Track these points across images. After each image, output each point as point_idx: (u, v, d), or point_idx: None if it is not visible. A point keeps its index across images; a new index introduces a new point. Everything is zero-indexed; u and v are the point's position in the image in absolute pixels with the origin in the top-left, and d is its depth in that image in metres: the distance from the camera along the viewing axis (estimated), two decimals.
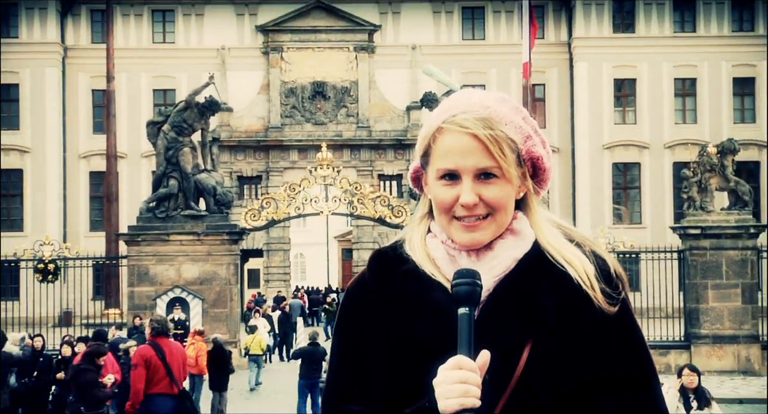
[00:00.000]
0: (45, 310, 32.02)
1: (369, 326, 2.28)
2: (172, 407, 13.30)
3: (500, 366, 2.11)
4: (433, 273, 2.24)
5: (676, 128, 49.96)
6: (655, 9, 50.28)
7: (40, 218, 48.87)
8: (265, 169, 50.57)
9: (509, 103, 2.28)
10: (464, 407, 1.99)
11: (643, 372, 2.27)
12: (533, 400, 2.15)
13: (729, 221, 29.69)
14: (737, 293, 29.43)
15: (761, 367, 29.17)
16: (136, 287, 30.56)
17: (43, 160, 49.86)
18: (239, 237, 31.58)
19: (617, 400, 2.22)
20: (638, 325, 2.32)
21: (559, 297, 2.21)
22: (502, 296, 2.21)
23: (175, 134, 30.66)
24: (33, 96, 49.95)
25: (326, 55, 50.85)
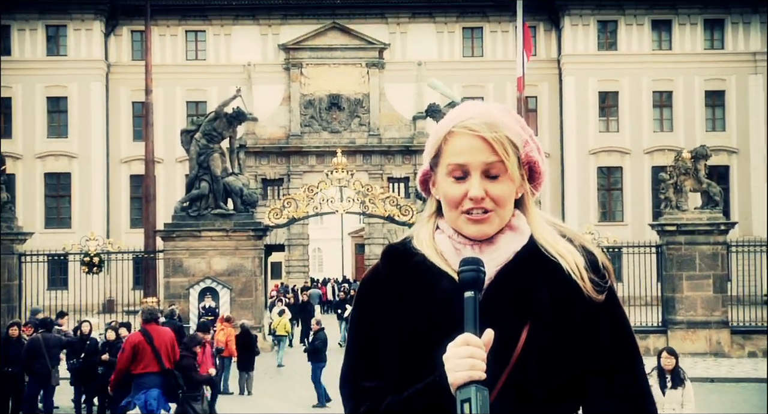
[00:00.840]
0: (90, 299, 32.05)
1: (381, 313, 2.30)
2: (158, 383, 13.63)
3: (501, 346, 2.13)
4: (441, 264, 2.26)
5: (654, 136, 49.84)
6: (636, 29, 50.19)
7: (86, 216, 48.87)
8: (286, 172, 50.53)
9: (509, 113, 2.31)
10: (472, 379, 2.00)
11: (630, 356, 2.30)
12: (531, 376, 2.17)
13: (702, 219, 29.66)
14: (709, 284, 29.42)
15: (730, 349, 29.20)
16: (171, 278, 30.60)
17: (88, 164, 49.86)
18: (263, 233, 31.57)
19: (607, 382, 2.25)
20: (624, 312, 2.34)
21: (553, 286, 2.23)
22: (502, 284, 2.23)
23: (206, 141, 30.70)
24: (80, 107, 49.95)
25: (341, 71, 50.78)
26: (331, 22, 50.71)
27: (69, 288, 33.87)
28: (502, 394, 2.14)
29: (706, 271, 29.40)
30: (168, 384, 13.76)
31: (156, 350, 13.72)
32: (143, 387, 13.59)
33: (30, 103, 49.74)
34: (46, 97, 50.05)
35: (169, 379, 13.76)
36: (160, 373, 13.73)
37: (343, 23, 50.78)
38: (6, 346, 18.77)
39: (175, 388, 13.79)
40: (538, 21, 49.24)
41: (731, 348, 29.34)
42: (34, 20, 49.92)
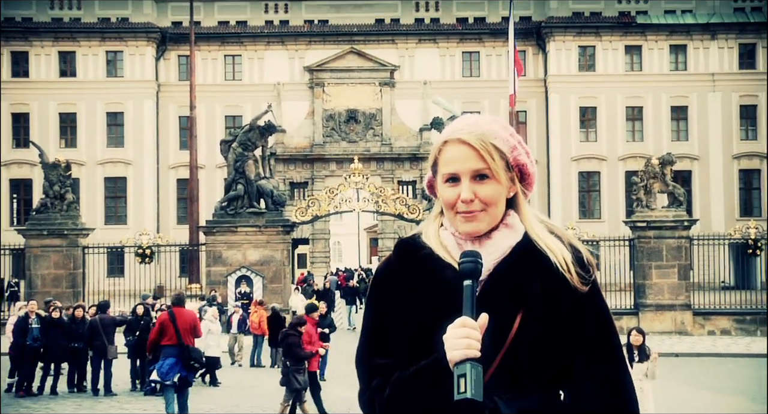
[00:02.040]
0: (143, 285, 32.12)
1: (392, 299, 2.28)
2: (176, 354, 14.21)
3: (496, 331, 2.12)
4: (445, 257, 2.25)
5: (627, 145, 49.75)
6: (611, 53, 50.11)
7: (139, 214, 48.99)
8: (310, 176, 50.58)
9: (498, 123, 2.30)
10: (467, 357, 2.00)
11: (610, 343, 2.29)
12: (522, 359, 2.16)
13: (668, 216, 29.63)
14: (674, 272, 29.40)
15: (692, 328, 29.21)
16: (212, 267, 30.66)
17: (141, 170, 49.97)
18: (291, 229, 31.60)
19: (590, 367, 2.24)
20: (605, 303, 2.32)
21: (544, 278, 2.22)
22: (499, 276, 2.22)
23: (241, 150, 30.73)
24: (134, 121, 50.06)
25: (357, 89, 50.77)
26: (349, 47, 50.71)
27: (125, 276, 33.96)
28: (496, 374, 2.12)
29: (671, 262, 29.39)
30: (183, 356, 14.24)
31: (177, 328, 14.42)
32: (164, 356, 14.26)
33: (92, 118, 49.85)
34: (105, 112, 50.18)
35: (185, 352, 14.27)
36: (178, 347, 14.28)
37: (359, 48, 50.77)
38: (72, 325, 18.87)
39: (188, 360, 14.27)
40: (527, 46, 49.20)
41: (693, 327, 29.35)
42: (95, 46, 50.06)
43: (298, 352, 13.84)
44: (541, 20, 50.34)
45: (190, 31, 44.55)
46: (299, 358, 13.81)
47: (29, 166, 47.07)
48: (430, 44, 51.26)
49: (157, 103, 50.51)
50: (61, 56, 50.29)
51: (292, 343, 13.97)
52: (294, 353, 13.83)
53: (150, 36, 50.13)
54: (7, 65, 49.97)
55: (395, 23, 51.99)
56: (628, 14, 50.72)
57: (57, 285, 29.18)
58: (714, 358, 24.64)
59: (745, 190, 50.45)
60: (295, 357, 13.81)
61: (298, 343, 13.97)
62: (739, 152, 50.21)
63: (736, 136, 50.20)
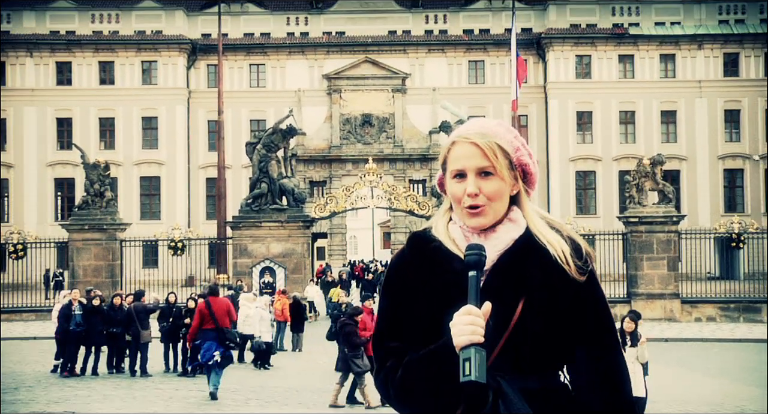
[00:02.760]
0: (175, 275, 32.21)
1: (405, 288, 2.28)
2: (213, 336, 15.14)
3: (500, 318, 2.13)
4: (453, 249, 2.25)
5: (620, 146, 49.64)
6: (605, 62, 50.00)
7: (171, 211, 49.13)
8: (328, 175, 50.65)
9: (503, 126, 2.30)
10: (472, 342, 2.01)
11: (605, 327, 2.28)
12: (524, 343, 2.16)
13: (658, 212, 29.56)
14: (664, 264, 29.34)
15: (680, 315, 29.15)
16: (238, 259, 30.74)
17: (174, 169, 50.11)
18: (310, 224, 31.65)
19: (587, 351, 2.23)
20: (602, 291, 2.31)
21: (544, 268, 2.21)
22: (502, 266, 2.22)
23: (265, 151, 30.78)
24: (167, 125, 50.20)
25: (372, 95, 50.79)
26: (363, 56, 50.71)
27: (159, 267, 34.05)
28: (499, 357, 2.13)
29: (661, 254, 29.33)
30: (220, 337, 15.19)
31: (213, 314, 15.39)
32: (204, 338, 15.21)
33: (129, 122, 50.03)
34: (141, 117, 50.31)
35: (221, 334, 15.23)
36: (215, 330, 15.26)
37: (373, 57, 50.77)
38: (111, 312, 18.99)
39: (224, 341, 15.18)
40: (528, 55, 49.06)
41: (681, 314, 29.29)
42: (132, 57, 50.20)
43: (354, 339, 14.01)
44: (541, 31, 50.24)
45: (218, 43, 44.70)
46: (356, 345, 14.00)
47: (72, 167, 47.27)
48: (438, 54, 51.21)
49: (188, 108, 50.62)
50: (101, 66, 50.47)
51: (349, 331, 14.12)
52: (351, 341, 13.99)
53: (182, 47, 50.24)
54: (52, 74, 50.23)
55: (406, 34, 51.97)
56: (621, 26, 50.59)
57: (97, 275, 29.32)
58: (700, 342, 24.61)
59: (729, 188, 50.34)
60: (353, 344, 13.98)
61: (355, 332, 14.14)
62: (724, 153, 50.10)
63: (720, 138, 50.08)
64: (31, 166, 49.73)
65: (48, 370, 19.20)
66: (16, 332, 24.86)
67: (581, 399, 2.20)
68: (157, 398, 15.37)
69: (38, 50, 49.99)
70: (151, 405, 14.60)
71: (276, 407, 14.41)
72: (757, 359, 20.30)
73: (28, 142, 49.86)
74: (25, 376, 18.18)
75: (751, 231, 32.03)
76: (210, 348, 14.98)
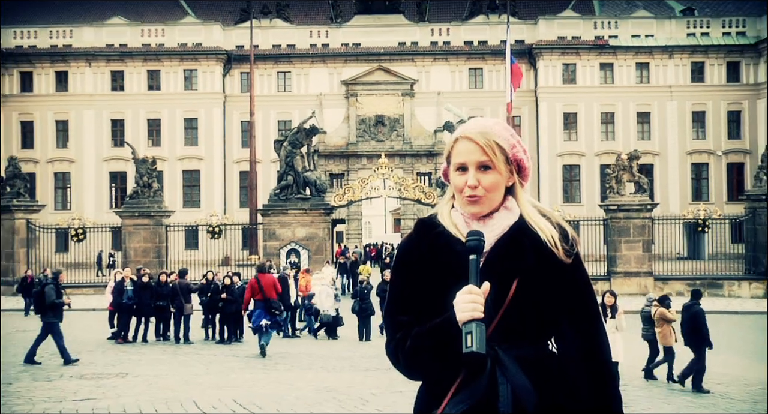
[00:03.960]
0: (213, 256, 32.39)
1: (413, 268, 2.26)
2: (262, 306, 16.10)
3: (497, 295, 2.12)
4: (456, 233, 2.24)
5: (602, 143, 49.44)
6: (588, 69, 49.78)
7: (209, 199, 49.23)
8: (346, 169, 50.61)
9: (501, 124, 2.29)
10: (473, 318, 2.02)
11: (588, 303, 2.28)
12: (518, 317, 2.15)
13: (634, 201, 29.50)
14: (639, 246, 29.34)
15: (653, 291, 28.97)
16: (267, 242, 30.79)
17: (211, 163, 50.19)
18: (330, 211, 31.67)
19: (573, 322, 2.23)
20: (586, 271, 2.31)
21: (535, 251, 2.21)
22: (499, 249, 2.21)
23: (291, 148, 30.81)
24: (206, 125, 50.28)
25: (384, 98, 50.68)
26: (377, 65, 50.59)
27: (198, 248, 34.30)
28: (496, 329, 2.12)
29: (637, 237, 29.30)
30: (267, 306, 16.08)
31: (261, 288, 16.24)
32: (255, 307, 16.22)
33: (173, 122, 50.13)
34: (183, 118, 50.36)
35: (268, 304, 16.12)
36: (264, 301, 16.13)
37: (385, 65, 50.64)
38: (158, 287, 19.08)
39: (270, 309, 16.10)
40: (521, 63, 48.56)
41: (654, 290, 29.13)
42: (176, 66, 50.28)
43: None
44: (532, 43, 50.00)
45: (250, 53, 44.76)
46: None
47: (124, 161, 47.40)
48: (442, 62, 51.05)
49: (224, 110, 50.62)
50: (149, 74, 50.54)
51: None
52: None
53: (218, 57, 50.26)
54: (108, 81, 50.39)
55: (414, 45, 51.75)
56: (602, 38, 50.32)
57: (146, 255, 29.47)
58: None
59: (696, 179, 50.20)
60: None
61: None
62: (692, 149, 49.94)
63: (688, 136, 49.91)
64: (89, 162, 49.95)
65: (105, 337, 19.35)
66: (77, 305, 24.91)
67: (568, 364, 2.20)
68: (198, 362, 15.44)
69: (96, 61, 50.19)
70: (192, 368, 14.67)
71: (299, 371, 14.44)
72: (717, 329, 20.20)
73: (87, 141, 50.08)
74: (87, 343, 18.29)
75: (715, 217, 32.03)
76: (260, 315, 15.96)
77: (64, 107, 50.10)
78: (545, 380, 2.11)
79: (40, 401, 10.54)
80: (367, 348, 17.87)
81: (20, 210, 30.45)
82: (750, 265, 30.42)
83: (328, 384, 12.18)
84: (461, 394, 2.07)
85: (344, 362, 15.23)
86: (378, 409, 9.85)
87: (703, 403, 12.03)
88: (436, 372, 2.14)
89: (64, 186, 50.42)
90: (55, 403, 10.26)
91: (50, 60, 50.18)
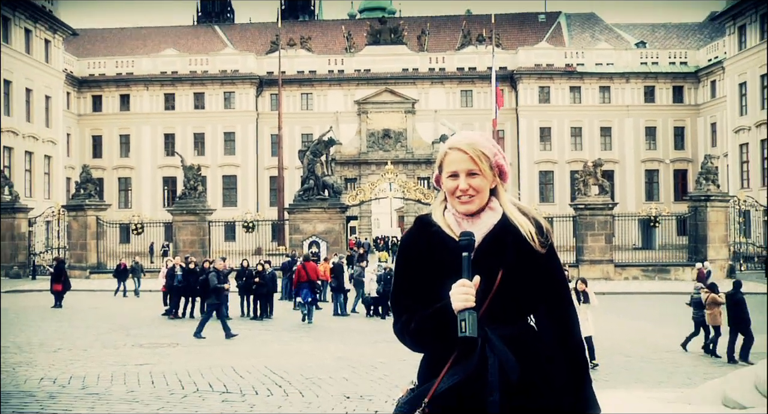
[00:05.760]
0: (247, 246, 32.40)
1: (414, 259, 2.24)
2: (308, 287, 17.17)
3: (485, 284, 2.10)
4: (448, 231, 2.21)
5: (571, 153, 49.28)
6: (560, 91, 49.66)
7: (244, 200, 49.27)
8: (358, 174, 50.56)
9: (485, 136, 2.27)
10: (466, 307, 2.01)
11: (561, 288, 2.25)
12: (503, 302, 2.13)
13: (598, 201, 29.41)
14: (602, 238, 29.24)
15: (614, 275, 29.06)
16: (293, 235, 30.81)
17: (246, 170, 50.20)
18: (345, 209, 31.65)
19: (548, 303, 2.22)
20: (559, 260, 2.28)
21: (517, 245, 2.18)
22: (486, 245, 2.18)
23: (312, 156, 30.81)
24: (242, 137, 50.31)
25: (390, 115, 50.62)
26: (384, 87, 50.53)
27: (236, 240, 34.26)
28: (485, 313, 2.10)
29: (600, 231, 29.20)
30: (312, 287, 17.35)
31: (307, 273, 17.56)
32: (301, 288, 17.42)
33: (214, 136, 50.18)
34: (223, 131, 50.39)
35: (312, 285, 17.42)
36: (309, 282, 17.40)
37: (391, 88, 50.56)
38: (202, 272, 19.02)
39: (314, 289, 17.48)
40: (504, 86, 48.68)
41: (614, 275, 29.21)
42: (217, 88, 50.36)
43: None
44: (514, 69, 49.87)
45: (278, 78, 44.74)
46: None
47: (174, 168, 47.43)
48: (438, 85, 50.96)
49: (257, 125, 50.63)
50: (195, 95, 50.61)
51: None
52: None
53: (252, 81, 50.28)
54: (161, 102, 50.51)
55: (415, 71, 51.64)
56: (571, 65, 50.16)
57: (192, 246, 29.52)
58: (628, 295, 24.51)
59: (648, 183, 50.10)
60: None
61: None
62: (645, 158, 49.84)
63: (642, 147, 49.81)
64: (146, 168, 50.07)
65: (159, 313, 19.38)
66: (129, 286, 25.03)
67: (544, 340, 2.18)
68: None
69: (152, 85, 50.32)
70: (232, 339, 14.67)
71: (320, 343, 14.44)
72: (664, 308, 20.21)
73: (144, 151, 50.21)
74: (144, 318, 18.34)
75: (664, 214, 32.02)
76: (306, 294, 17.24)
77: (126, 124, 50.24)
78: (525, 353, 2.10)
79: (108, 365, 10.62)
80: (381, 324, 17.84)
81: (91, 208, 30.58)
82: (692, 253, 30.34)
83: (344, 354, 12.18)
84: (456, 367, 2.06)
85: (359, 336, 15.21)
86: (385, 375, 9.84)
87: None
88: (437, 348, 2.13)
89: (126, 189, 50.56)
90: (120, 367, 10.33)
91: (116, 85, 50.44)
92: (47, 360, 11.20)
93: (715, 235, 29.38)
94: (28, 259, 31.47)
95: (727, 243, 30.01)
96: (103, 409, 7.32)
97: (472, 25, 54.04)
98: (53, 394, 8.08)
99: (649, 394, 8.08)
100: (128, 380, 9.07)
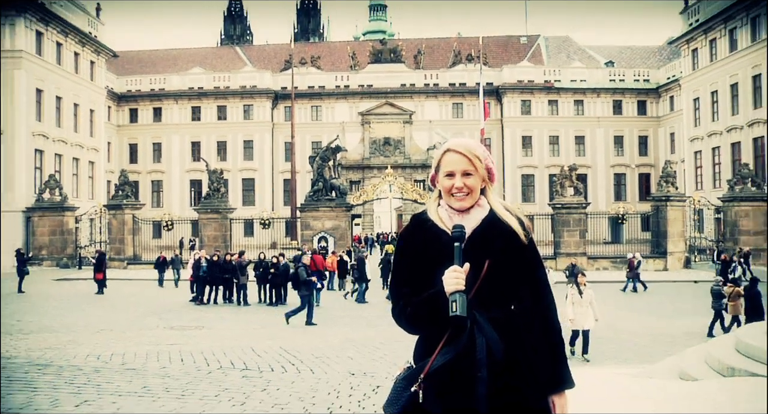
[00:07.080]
0: (264, 241, 32.35)
1: (410, 251, 2.23)
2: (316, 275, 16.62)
3: (474, 272, 2.09)
4: (442, 226, 2.21)
5: (550, 158, 49.16)
6: (540, 104, 49.52)
7: (261, 199, 49.21)
8: (361, 177, 50.48)
9: (475, 142, 2.26)
10: (457, 290, 2.00)
11: (539, 275, 2.25)
12: (490, 287, 2.13)
13: (573, 201, 29.35)
14: (576, 234, 29.16)
15: (587, 266, 28.89)
16: (304, 231, 30.68)
17: (263, 174, 50.09)
18: (350, 208, 31.56)
19: (529, 287, 2.21)
20: (538, 251, 2.28)
21: (502, 237, 2.18)
22: (475, 238, 2.18)
23: (321, 161, 30.71)
24: (260, 146, 50.21)
25: (390, 125, 50.53)
26: (384, 100, 50.44)
27: (254, 236, 34.24)
28: (474, 298, 2.10)
29: (575, 228, 29.14)
30: (320, 276, 17.59)
31: (316, 264, 17.97)
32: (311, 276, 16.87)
33: (235, 143, 50.08)
34: (243, 140, 50.28)
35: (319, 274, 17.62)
36: (318, 272, 17.60)
37: (391, 101, 50.45)
38: (225, 264, 19.06)
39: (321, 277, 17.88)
40: (490, 99, 48.59)
41: (587, 266, 29.04)
42: (238, 102, 50.29)
43: None
44: (499, 85, 49.77)
45: (291, 92, 44.66)
46: None
47: (200, 172, 47.45)
48: (432, 99, 50.87)
49: (272, 134, 50.54)
50: (218, 108, 50.52)
51: None
52: None
53: (268, 95, 50.21)
54: (189, 114, 50.43)
55: (412, 86, 51.51)
56: (549, 81, 50.08)
57: (215, 241, 29.48)
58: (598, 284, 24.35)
59: (617, 185, 50.00)
60: None
61: None
62: (614, 163, 49.74)
63: (612, 154, 49.71)
64: (175, 172, 50.02)
65: (187, 300, 19.37)
66: (167, 276, 25.04)
67: (525, 323, 2.17)
68: (253, 319, 15.44)
69: (181, 99, 50.27)
70: (250, 324, 14.68)
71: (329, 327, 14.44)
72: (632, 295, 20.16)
73: (174, 157, 50.14)
74: (174, 304, 18.33)
75: (630, 213, 31.96)
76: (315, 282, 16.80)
77: (158, 133, 50.23)
78: (509, 334, 2.10)
79: (144, 344, 10.65)
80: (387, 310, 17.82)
81: (128, 207, 30.62)
82: (654, 247, 30.33)
83: (351, 336, 12.17)
84: (448, 347, 2.06)
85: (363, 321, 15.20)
86: (385, 354, 9.85)
87: None
88: (430, 330, 2.12)
89: (158, 190, 50.53)
90: (153, 346, 10.37)
91: (149, 100, 50.38)
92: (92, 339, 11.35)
93: (674, 230, 29.41)
94: (74, 252, 31.61)
95: (684, 237, 30.07)
96: (140, 382, 7.39)
97: (463, 46, 54.01)
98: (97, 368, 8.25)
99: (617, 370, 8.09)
100: (161, 358, 9.11)
